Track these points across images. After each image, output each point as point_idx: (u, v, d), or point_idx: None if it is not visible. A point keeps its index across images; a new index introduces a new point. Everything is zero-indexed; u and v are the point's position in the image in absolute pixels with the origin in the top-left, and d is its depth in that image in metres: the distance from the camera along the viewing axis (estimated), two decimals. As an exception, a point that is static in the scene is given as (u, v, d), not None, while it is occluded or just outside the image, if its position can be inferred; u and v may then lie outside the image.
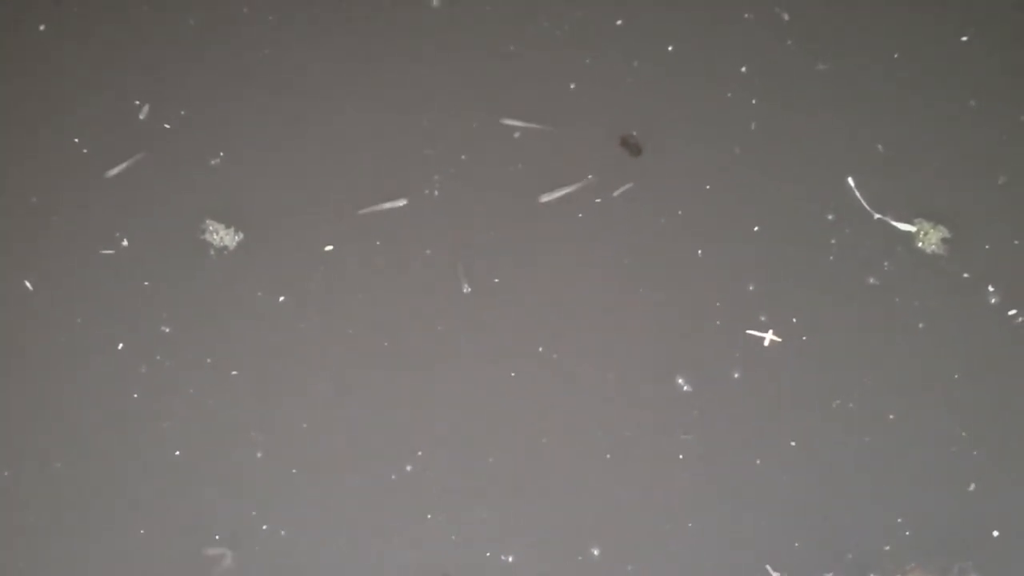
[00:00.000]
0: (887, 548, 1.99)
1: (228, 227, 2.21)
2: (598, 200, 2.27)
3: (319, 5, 2.39)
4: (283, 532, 1.98)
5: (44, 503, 2.01)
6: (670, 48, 2.39)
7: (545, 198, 2.18)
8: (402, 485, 2.03)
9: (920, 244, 2.22)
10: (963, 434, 2.07)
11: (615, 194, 2.27)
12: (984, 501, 2.02)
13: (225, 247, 2.20)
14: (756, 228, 2.24)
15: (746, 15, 2.37)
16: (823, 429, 2.08)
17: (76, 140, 2.30)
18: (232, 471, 2.03)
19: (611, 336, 2.16)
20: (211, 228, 2.21)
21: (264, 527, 1.98)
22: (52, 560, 1.97)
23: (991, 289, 2.16)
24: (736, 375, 2.12)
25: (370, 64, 2.36)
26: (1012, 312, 2.14)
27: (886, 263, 2.20)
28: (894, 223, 2.23)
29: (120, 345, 2.12)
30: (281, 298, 2.17)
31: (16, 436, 2.05)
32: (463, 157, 2.30)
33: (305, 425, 2.06)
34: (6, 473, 2.02)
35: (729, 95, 2.35)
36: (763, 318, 2.16)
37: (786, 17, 2.37)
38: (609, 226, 2.25)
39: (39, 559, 1.97)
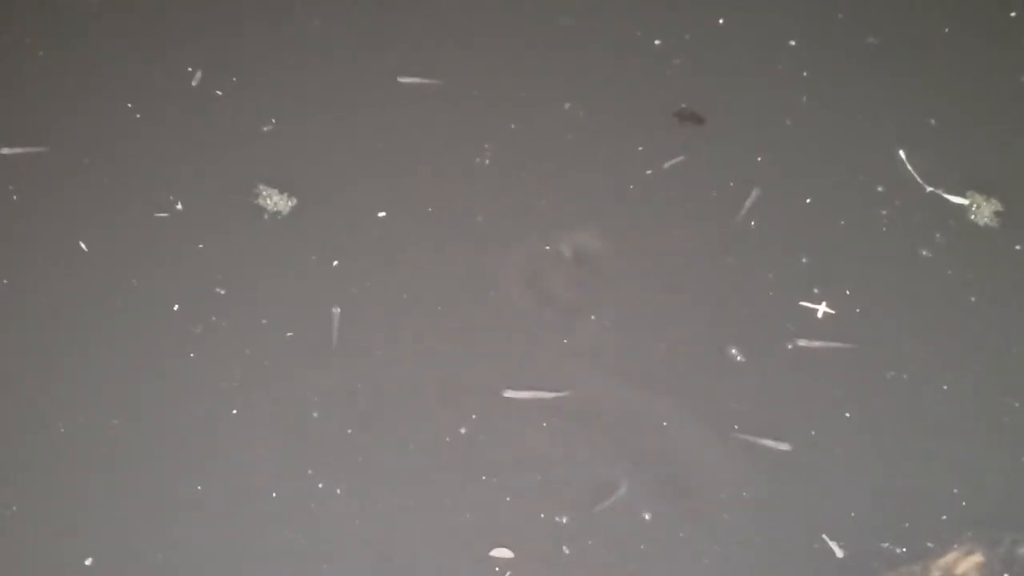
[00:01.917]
0: (944, 518, 1.98)
1: (281, 192, 2.22)
2: (649, 172, 2.27)
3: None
4: (338, 491, 1.98)
5: (101, 461, 2.00)
6: (721, 21, 2.39)
7: None
8: (456, 447, 2.02)
9: (973, 217, 2.21)
10: (1016, 405, 2.06)
11: (666, 166, 2.27)
12: (1040, 472, 2.01)
13: (279, 212, 2.20)
14: (808, 200, 2.24)
15: (797, -13, 2.38)
16: (877, 400, 2.07)
17: (129, 105, 2.31)
18: (288, 430, 2.02)
19: (663, 306, 2.16)
20: (264, 193, 2.22)
21: (320, 485, 1.98)
22: (108, 516, 1.97)
23: (1045, 262, 2.16)
24: (789, 346, 2.11)
25: (423, 34, 2.37)
26: (1067, 284, 2.14)
27: (938, 235, 2.20)
28: (946, 196, 2.23)
29: (176, 306, 2.12)
30: (335, 262, 2.17)
31: (73, 395, 2.05)
32: (513, 126, 2.31)
33: (360, 386, 2.06)
34: (62, 430, 2.02)
35: (780, 67, 2.35)
36: (816, 290, 2.16)
37: (837, -10, 2.38)
38: (660, 198, 2.25)
39: (95, 515, 1.97)
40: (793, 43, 2.37)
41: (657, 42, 2.38)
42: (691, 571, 1.94)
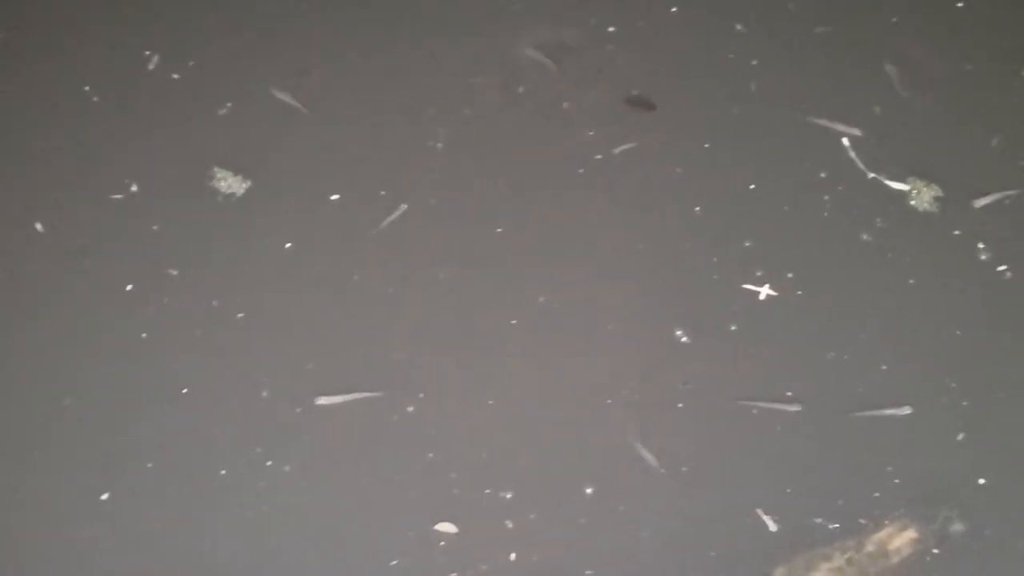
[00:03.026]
0: (876, 495, 2.03)
1: (236, 175, 2.25)
2: (599, 157, 2.31)
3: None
4: (287, 468, 2.02)
5: (51, 439, 2.04)
6: (673, 9, 2.43)
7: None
8: (404, 425, 2.06)
9: (913, 202, 2.26)
10: (952, 385, 2.11)
11: (615, 151, 2.31)
12: (972, 450, 2.06)
13: (233, 194, 2.24)
14: (752, 186, 2.28)
15: (749, -23, 2.41)
16: (817, 380, 2.12)
17: (86, 88, 2.33)
18: (238, 409, 2.06)
19: (611, 288, 2.20)
20: (219, 175, 2.25)
21: (268, 463, 2.02)
22: (60, 494, 2.00)
23: (981, 246, 2.21)
24: (733, 328, 2.16)
25: (379, 12, 2.40)
26: (1001, 268, 2.19)
27: (879, 220, 2.25)
28: (887, 182, 2.28)
29: (129, 287, 2.15)
30: (287, 244, 2.20)
31: (25, 374, 2.08)
32: (466, 111, 2.34)
33: (310, 366, 2.10)
34: (15, 409, 2.05)
35: (731, 56, 2.39)
36: (759, 273, 2.21)
37: (787, -20, 2.42)
38: (609, 182, 2.29)
39: (47, 493, 2.01)
40: (744, 30, 2.42)
41: (611, 29, 2.41)
42: (630, 543, 1.99)
